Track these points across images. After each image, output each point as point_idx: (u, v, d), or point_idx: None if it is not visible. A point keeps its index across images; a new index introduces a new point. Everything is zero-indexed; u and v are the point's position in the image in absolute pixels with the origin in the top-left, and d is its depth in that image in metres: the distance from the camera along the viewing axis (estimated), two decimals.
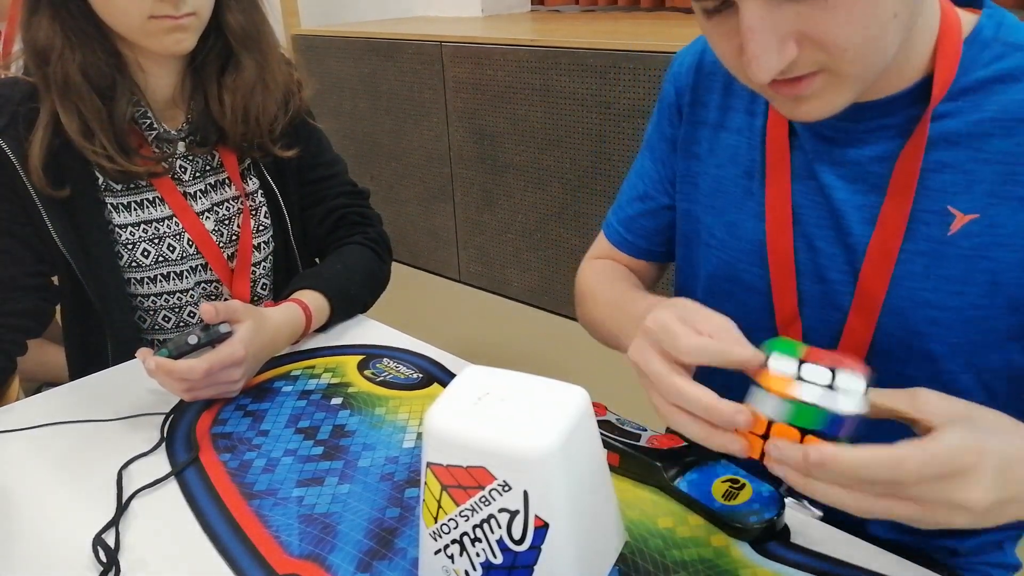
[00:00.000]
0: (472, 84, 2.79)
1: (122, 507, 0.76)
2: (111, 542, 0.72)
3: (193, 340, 0.90)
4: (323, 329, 1.10)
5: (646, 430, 0.80)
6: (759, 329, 0.79)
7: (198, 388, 0.89)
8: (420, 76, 2.96)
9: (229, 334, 0.91)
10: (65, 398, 0.97)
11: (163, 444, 0.86)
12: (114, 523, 0.74)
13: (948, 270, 0.69)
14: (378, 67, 3.10)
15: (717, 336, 0.60)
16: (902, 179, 0.70)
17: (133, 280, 1.09)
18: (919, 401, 0.56)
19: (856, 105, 0.67)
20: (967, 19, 0.69)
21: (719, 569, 0.65)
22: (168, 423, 0.90)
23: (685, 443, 0.77)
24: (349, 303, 1.13)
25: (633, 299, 0.86)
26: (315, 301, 1.07)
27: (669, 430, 0.87)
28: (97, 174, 1.04)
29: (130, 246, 1.07)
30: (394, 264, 1.27)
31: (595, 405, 0.73)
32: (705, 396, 0.57)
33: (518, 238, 2.86)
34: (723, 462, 0.75)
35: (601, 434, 0.62)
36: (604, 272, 0.97)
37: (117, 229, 1.06)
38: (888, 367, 0.73)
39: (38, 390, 1.12)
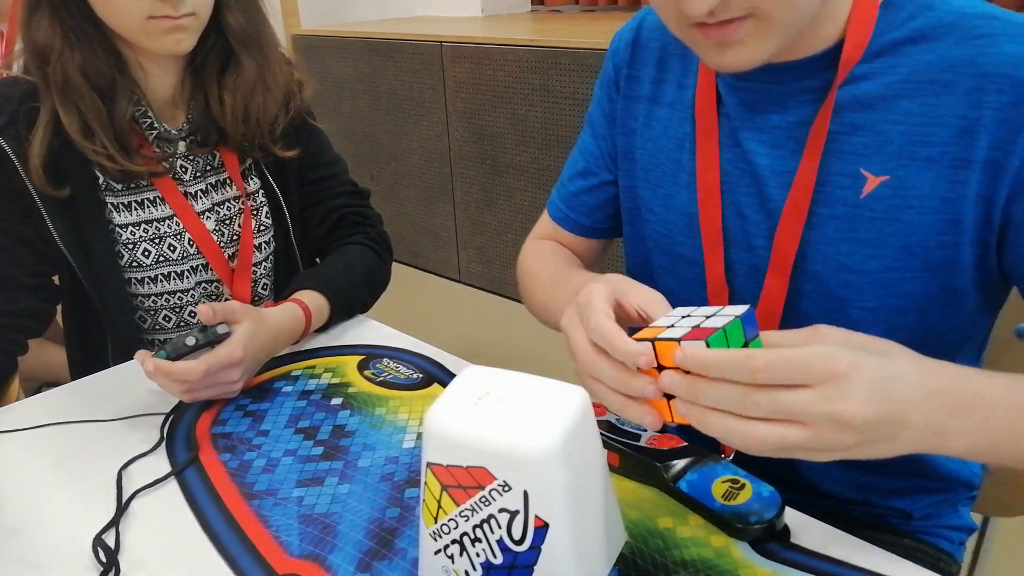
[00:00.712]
0: (472, 84, 2.79)
1: (122, 507, 0.76)
2: (111, 542, 0.72)
3: (191, 341, 0.90)
4: (323, 329, 1.10)
5: (646, 430, 0.80)
6: (696, 301, 0.81)
7: (197, 389, 0.89)
8: (420, 76, 2.96)
9: (227, 335, 0.91)
10: (65, 398, 0.97)
11: (163, 444, 0.86)
12: (114, 523, 0.74)
13: (861, 233, 0.70)
14: (378, 67, 3.10)
15: (647, 309, 0.65)
16: (814, 141, 0.71)
17: (134, 280, 1.09)
18: (818, 335, 0.57)
19: (776, 66, 0.69)
20: None
21: (719, 569, 0.65)
22: (168, 423, 0.90)
23: (685, 443, 0.77)
24: (349, 303, 1.13)
25: (569, 276, 0.88)
26: (315, 301, 1.07)
27: (668, 430, 0.87)
28: (98, 174, 1.04)
29: (131, 246, 1.07)
30: (394, 264, 1.27)
31: (595, 405, 0.73)
32: (615, 370, 0.60)
33: (518, 238, 2.86)
34: (723, 462, 0.75)
35: (601, 434, 0.62)
36: (545, 253, 0.98)
37: (118, 229, 1.06)
38: None
39: (38, 390, 1.12)
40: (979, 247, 0.68)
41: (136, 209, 1.07)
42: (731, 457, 0.86)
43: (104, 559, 0.69)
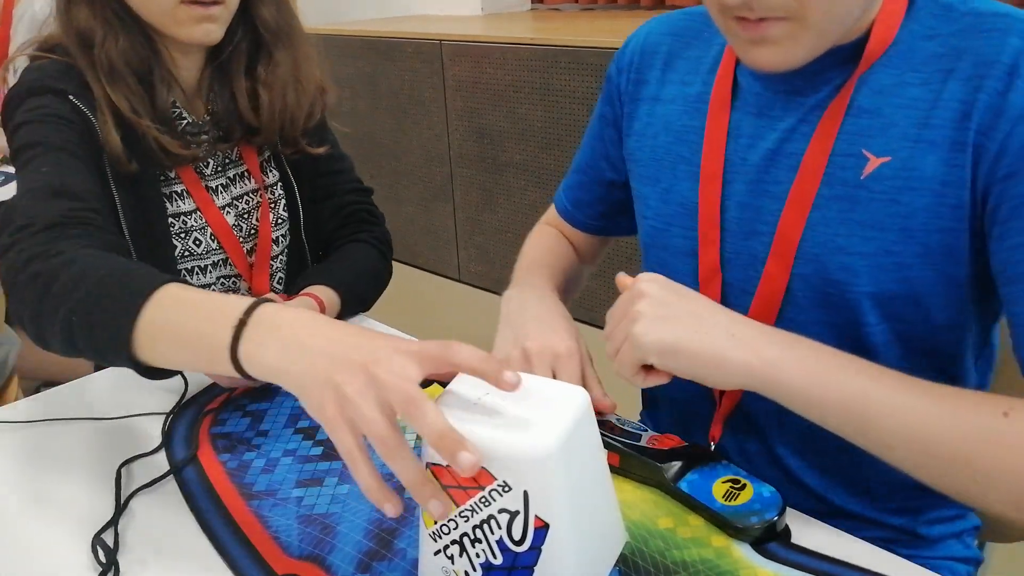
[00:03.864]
0: (472, 83, 2.78)
1: (121, 507, 0.76)
2: (110, 541, 0.72)
3: None
4: None
5: (646, 430, 0.79)
6: None
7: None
8: (420, 75, 2.96)
9: None
10: (65, 397, 0.97)
11: (163, 444, 0.86)
12: (113, 523, 0.74)
13: (861, 215, 0.71)
14: (378, 66, 3.10)
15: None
16: (827, 127, 0.73)
17: None
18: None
19: None
20: None
21: (720, 570, 0.65)
22: (168, 423, 0.89)
23: (685, 443, 0.77)
24: (357, 300, 1.13)
25: (537, 270, 0.98)
26: (328, 296, 1.07)
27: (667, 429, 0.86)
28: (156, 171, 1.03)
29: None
30: (394, 264, 1.27)
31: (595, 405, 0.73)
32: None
33: (518, 237, 2.85)
34: (724, 462, 0.75)
35: (601, 434, 0.62)
36: (544, 236, 1.07)
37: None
38: (807, 315, 0.76)
39: (37, 390, 1.12)
40: (976, 236, 0.69)
41: (165, 203, 1.06)
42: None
43: (103, 558, 0.69)
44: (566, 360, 0.77)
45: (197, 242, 1.09)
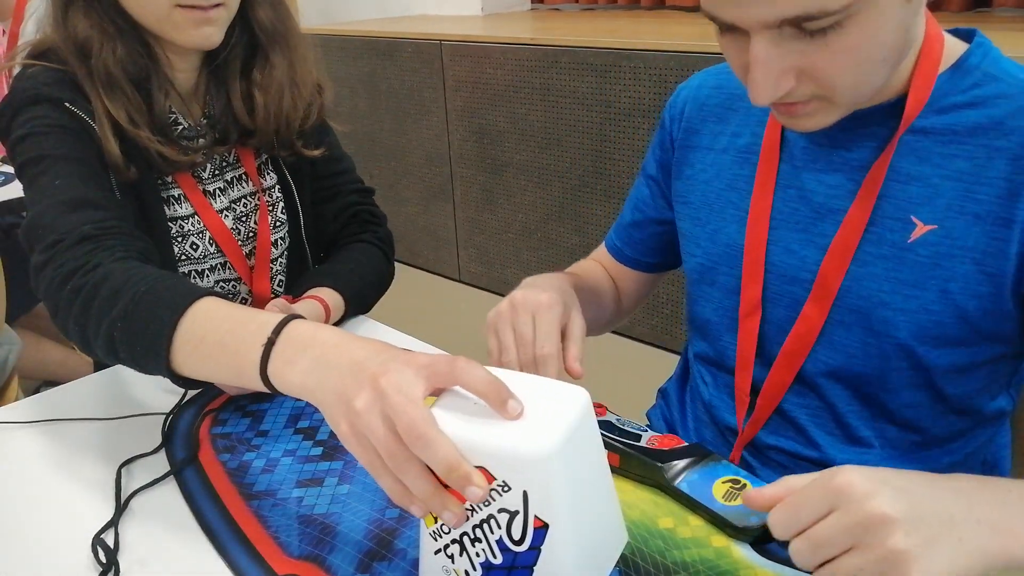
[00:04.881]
0: (472, 83, 2.78)
1: (121, 507, 0.76)
2: (110, 542, 0.72)
3: None
4: None
5: (647, 430, 0.79)
6: (728, 330, 0.89)
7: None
8: (420, 75, 2.96)
9: None
10: (65, 397, 0.97)
11: (163, 444, 0.86)
12: (113, 523, 0.74)
13: (905, 274, 0.75)
14: (378, 66, 3.10)
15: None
16: (871, 183, 0.76)
17: None
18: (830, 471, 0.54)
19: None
20: (957, 47, 0.76)
21: (720, 569, 0.65)
22: (168, 423, 0.90)
23: (686, 443, 0.77)
24: (361, 302, 1.13)
25: (568, 273, 0.98)
26: (332, 299, 1.07)
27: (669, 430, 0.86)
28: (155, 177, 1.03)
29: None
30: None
31: (595, 405, 0.73)
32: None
33: (518, 238, 2.86)
34: (724, 463, 0.75)
35: (601, 434, 0.62)
36: (581, 262, 1.09)
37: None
38: (837, 359, 0.80)
39: (37, 390, 1.12)
40: (1018, 301, 0.73)
41: (163, 207, 1.06)
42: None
43: (103, 559, 0.69)
44: (546, 310, 0.77)
45: (194, 246, 1.08)
